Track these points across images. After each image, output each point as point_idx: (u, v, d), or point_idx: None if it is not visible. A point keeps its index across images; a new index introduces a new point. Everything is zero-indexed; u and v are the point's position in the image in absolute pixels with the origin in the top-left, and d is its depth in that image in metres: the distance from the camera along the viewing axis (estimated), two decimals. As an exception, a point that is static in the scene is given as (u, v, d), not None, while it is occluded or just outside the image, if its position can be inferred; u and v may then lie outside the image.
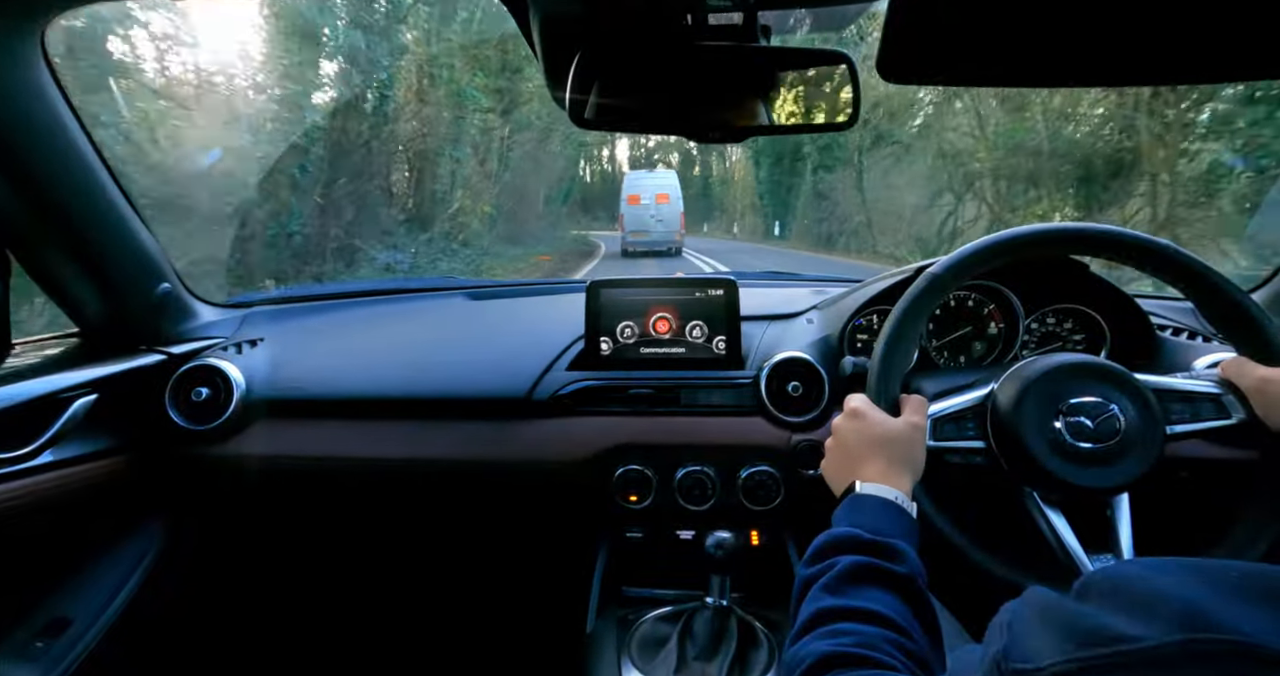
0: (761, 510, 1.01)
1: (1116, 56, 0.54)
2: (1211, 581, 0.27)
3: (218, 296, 1.28)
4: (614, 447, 1.03)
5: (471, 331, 1.26)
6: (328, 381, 1.10)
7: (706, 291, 1.08)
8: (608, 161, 52.70)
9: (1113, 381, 0.72)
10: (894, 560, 0.56)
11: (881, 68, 0.59)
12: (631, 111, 0.68)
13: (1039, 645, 0.29)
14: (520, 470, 1.06)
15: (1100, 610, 0.29)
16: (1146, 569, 0.30)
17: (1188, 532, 0.76)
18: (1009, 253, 0.76)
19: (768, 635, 0.90)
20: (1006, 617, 0.33)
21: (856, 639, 0.48)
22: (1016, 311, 1.05)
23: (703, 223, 37.05)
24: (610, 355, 1.09)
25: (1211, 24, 0.48)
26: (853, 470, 0.70)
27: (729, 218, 33.93)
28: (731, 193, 34.29)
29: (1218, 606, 0.26)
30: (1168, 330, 1.03)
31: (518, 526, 1.25)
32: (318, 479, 1.12)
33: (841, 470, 0.72)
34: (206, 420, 1.05)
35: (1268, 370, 0.69)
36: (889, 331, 0.77)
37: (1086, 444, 0.70)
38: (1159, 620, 0.26)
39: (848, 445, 0.72)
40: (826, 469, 0.75)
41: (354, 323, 1.29)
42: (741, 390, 1.04)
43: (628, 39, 0.65)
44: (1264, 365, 0.70)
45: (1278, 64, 0.56)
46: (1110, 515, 0.73)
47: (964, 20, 0.50)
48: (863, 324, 1.09)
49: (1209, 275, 0.72)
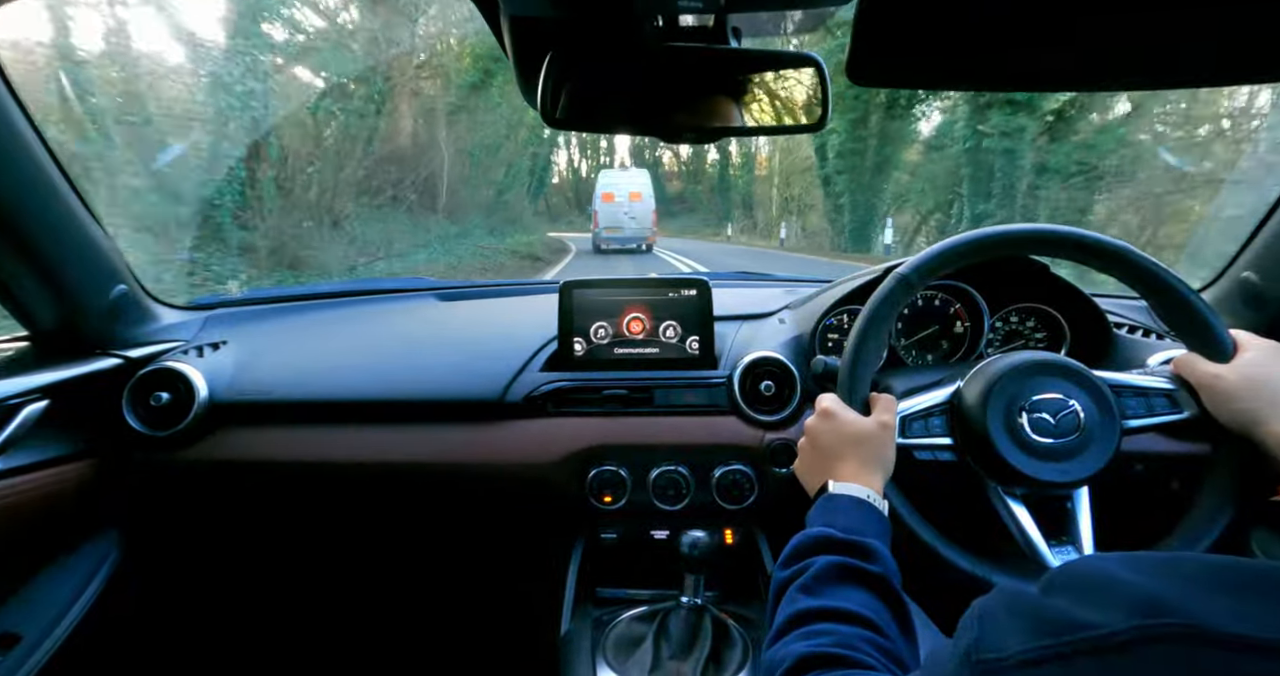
0: (735, 509, 1.02)
1: (1077, 61, 0.55)
2: (1167, 572, 0.29)
3: (179, 298, 1.25)
4: (588, 448, 1.03)
5: (443, 333, 1.24)
6: (295, 384, 1.08)
7: (680, 291, 1.09)
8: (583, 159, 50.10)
9: (1072, 378, 0.74)
10: (868, 559, 0.57)
11: (850, 71, 0.60)
12: (603, 112, 0.68)
13: (1007, 636, 0.30)
14: (493, 473, 1.05)
15: (1064, 601, 0.30)
16: (1107, 562, 0.31)
17: (1143, 523, 0.78)
18: (974, 253, 0.78)
19: (742, 633, 0.91)
20: (977, 611, 0.34)
21: (833, 639, 0.49)
22: (982, 310, 1.08)
23: (724, 224, 29.75)
24: (584, 356, 1.08)
25: (1164, 32, 0.50)
26: (825, 470, 0.71)
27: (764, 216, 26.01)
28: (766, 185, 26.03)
29: (1173, 594, 0.27)
30: (1124, 328, 1.07)
31: (491, 530, 1.24)
32: (285, 485, 1.09)
33: (814, 470, 0.73)
34: (167, 425, 1.02)
35: (1216, 366, 0.72)
36: (858, 332, 0.78)
37: (1047, 439, 0.72)
38: (1117, 608, 0.27)
39: (820, 445, 0.73)
40: (799, 469, 0.76)
41: (321, 324, 1.26)
42: (715, 390, 1.04)
43: (598, 40, 0.64)
44: (1213, 361, 0.72)
45: (1225, 73, 0.58)
46: (1070, 507, 0.75)
47: (930, 24, 0.51)
48: (834, 323, 1.11)
49: (1161, 275, 0.74)
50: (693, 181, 40.85)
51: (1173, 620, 0.25)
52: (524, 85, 0.76)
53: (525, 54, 0.70)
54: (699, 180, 39.97)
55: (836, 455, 0.71)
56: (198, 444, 1.04)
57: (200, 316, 1.23)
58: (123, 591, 1.06)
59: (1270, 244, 0.99)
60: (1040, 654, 0.28)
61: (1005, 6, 0.47)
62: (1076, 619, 0.28)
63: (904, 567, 0.61)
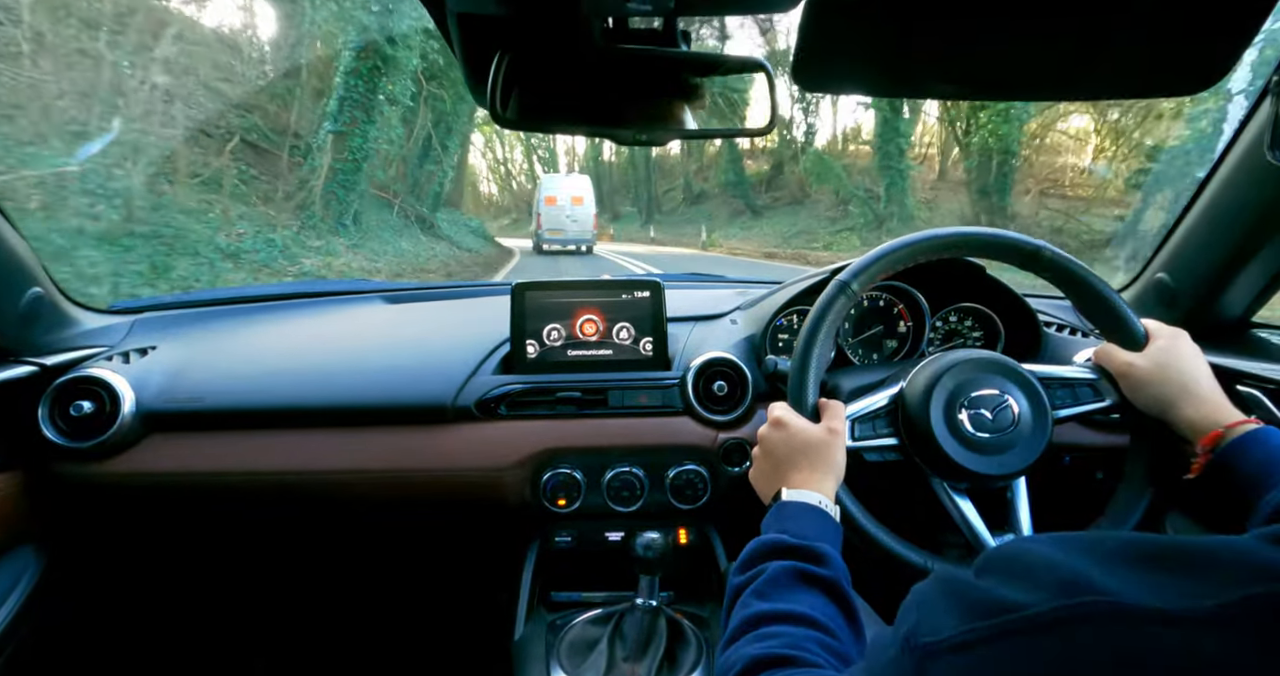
0: (689, 508, 1.03)
1: (1009, 72, 0.58)
2: (1090, 551, 0.30)
3: (101, 301, 1.17)
4: (542, 451, 1.02)
5: (391, 335, 1.21)
6: (233, 391, 1.03)
7: (633, 293, 1.09)
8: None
9: (1006, 374, 0.78)
10: (819, 563, 0.59)
11: (796, 76, 0.62)
12: (553, 113, 0.67)
13: (943, 619, 0.31)
14: (445, 479, 1.02)
15: (995, 583, 0.31)
16: (1035, 543, 0.33)
17: (1076, 511, 0.83)
18: (908, 257, 0.81)
19: (696, 632, 0.91)
20: (916, 598, 0.35)
21: (784, 640, 0.50)
22: (924, 311, 1.12)
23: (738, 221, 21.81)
24: (537, 358, 1.07)
25: (1085, 47, 0.53)
26: (779, 478, 0.72)
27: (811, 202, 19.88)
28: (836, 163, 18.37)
29: (1094, 572, 0.28)
30: (1053, 327, 1.13)
31: (442, 536, 1.21)
32: (225, 496, 1.04)
33: (768, 478, 0.75)
34: (89, 436, 0.96)
35: (1131, 355, 0.77)
36: (804, 341, 0.80)
37: (986, 434, 0.76)
38: (1043, 588, 0.29)
39: (773, 454, 0.75)
40: (754, 477, 0.78)
41: (261, 328, 1.21)
42: (669, 391, 1.05)
43: (546, 41, 0.64)
44: (1128, 351, 0.77)
45: (1142, 85, 0.62)
46: (1010, 497, 0.79)
47: (870, 34, 0.53)
48: (784, 324, 1.13)
49: (1078, 271, 0.79)
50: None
51: (1093, 597, 0.27)
52: (473, 85, 0.75)
53: (473, 53, 0.69)
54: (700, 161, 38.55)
55: (789, 463, 0.73)
56: (125, 455, 0.98)
57: (127, 320, 1.16)
58: (42, 612, 0.99)
59: (1180, 248, 1.06)
60: (974, 635, 0.29)
61: (934, 22, 0.49)
62: (1006, 600, 0.29)
63: (858, 567, 0.63)
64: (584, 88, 0.67)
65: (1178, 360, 0.75)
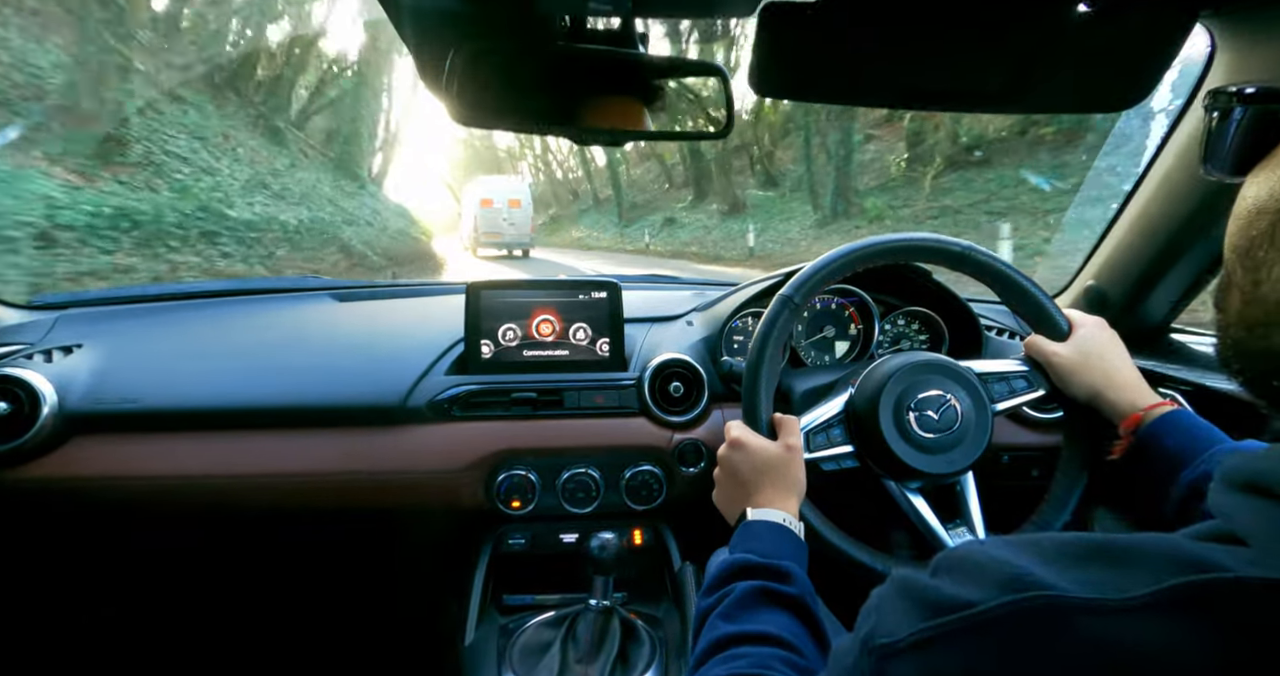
0: (644, 509, 1.03)
1: (951, 86, 0.61)
2: (1034, 550, 0.32)
3: (20, 297, 1.10)
4: (496, 453, 1.00)
5: (339, 334, 1.17)
6: (168, 392, 0.98)
7: (590, 294, 1.09)
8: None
9: (948, 374, 0.81)
10: (784, 581, 0.60)
11: (752, 81, 0.63)
12: (509, 111, 0.67)
13: (899, 620, 0.33)
14: (394, 482, 1.00)
15: (947, 582, 0.33)
16: (983, 545, 0.35)
17: (1016, 505, 0.87)
18: (847, 267, 0.84)
19: (649, 632, 0.92)
20: (874, 602, 0.36)
21: (750, 661, 0.51)
22: (873, 314, 1.15)
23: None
24: (491, 358, 1.06)
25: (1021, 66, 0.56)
26: (742, 498, 0.74)
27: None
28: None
29: (1038, 569, 0.30)
30: (993, 330, 1.18)
31: (391, 541, 1.18)
32: (154, 503, 0.99)
33: (732, 499, 0.76)
34: (5, 439, 0.90)
35: (1056, 344, 0.82)
36: (753, 358, 0.81)
37: (933, 434, 0.79)
38: (990, 586, 0.30)
39: (735, 475, 0.76)
40: (718, 499, 0.78)
41: (199, 325, 1.16)
42: (625, 392, 1.05)
43: (502, 37, 0.63)
44: (1053, 341, 0.82)
45: (1075, 102, 0.66)
46: (960, 492, 0.83)
47: (822, 44, 0.54)
48: (739, 326, 1.15)
49: (1002, 268, 0.84)
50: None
51: (1036, 592, 0.28)
52: (428, 80, 0.73)
53: (427, 48, 0.67)
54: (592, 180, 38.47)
55: (751, 483, 0.74)
56: (45, 459, 0.92)
57: (50, 317, 1.09)
58: None
59: (1108, 257, 1.13)
60: (929, 633, 0.30)
61: (883, 33, 0.51)
62: (958, 598, 0.31)
63: (826, 579, 0.64)
64: (540, 86, 0.67)
65: (1099, 347, 0.80)
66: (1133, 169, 1.07)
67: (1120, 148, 1.56)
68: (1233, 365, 0.38)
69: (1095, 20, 0.55)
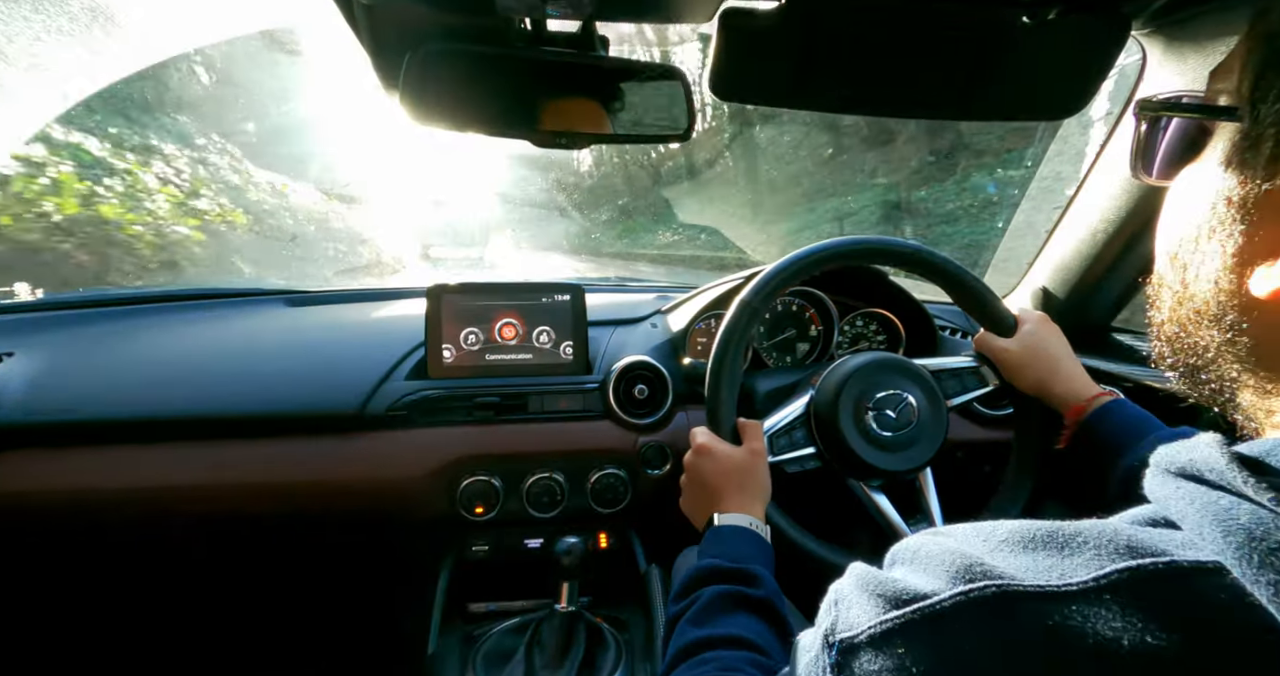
0: (609, 512, 1.03)
1: (902, 92, 0.63)
2: (985, 538, 0.33)
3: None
4: (458, 459, 0.99)
5: (293, 340, 1.14)
6: (111, 401, 0.93)
7: (553, 297, 1.08)
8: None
9: (904, 373, 0.84)
10: (752, 585, 0.61)
11: (712, 85, 0.64)
12: (467, 113, 0.66)
13: (859, 613, 0.33)
14: (353, 490, 0.97)
15: (901, 574, 0.33)
16: (937, 534, 0.35)
17: (971, 498, 0.90)
18: (806, 270, 0.85)
19: (615, 635, 0.92)
20: (834, 596, 0.37)
21: (719, 664, 0.52)
22: (832, 315, 1.17)
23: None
24: (453, 363, 1.04)
25: (968, 75, 0.58)
26: (709, 504, 0.74)
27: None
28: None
29: (988, 558, 0.31)
30: (946, 330, 1.21)
31: (351, 551, 1.15)
32: (96, 517, 0.94)
33: (699, 505, 0.76)
34: None
35: (1004, 341, 0.85)
36: (714, 364, 0.82)
37: (891, 432, 0.81)
38: (944, 577, 0.31)
39: (701, 481, 0.76)
40: (685, 506, 0.79)
41: (143, 332, 1.11)
42: (589, 395, 1.05)
43: (461, 38, 0.63)
44: (1001, 337, 0.85)
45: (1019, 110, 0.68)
46: (920, 488, 0.85)
47: (778, 49, 0.55)
48: (702, 328, 1.16)
49: (950, 267, 0.87)
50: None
51: (987, 582, 0.29)
52: (384, 81, 0.72)
53: (383, 48, 0.66)
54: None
55: (717, 489, 0.75)
56: None
57: None
58: None
59: (1053, 259, 1.17)
60: (888, 626, 0.31)
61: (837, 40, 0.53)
62: (913, 589, 0.31)
63: (794, 579, 0.64)
64: (499, 88, 0.66)
65: (1044, 342, 0.83)
66: (1075, 175, 1.12)
67: (1062, 154, 1.63)
68: (1166, 361, 0.39)
69: (1037, 34, 0.58)
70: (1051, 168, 1.69)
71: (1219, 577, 0.26)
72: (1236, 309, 0.33)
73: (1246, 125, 0.32)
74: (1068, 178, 1.50)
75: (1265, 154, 0.31)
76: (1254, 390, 0.34)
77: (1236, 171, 0.32)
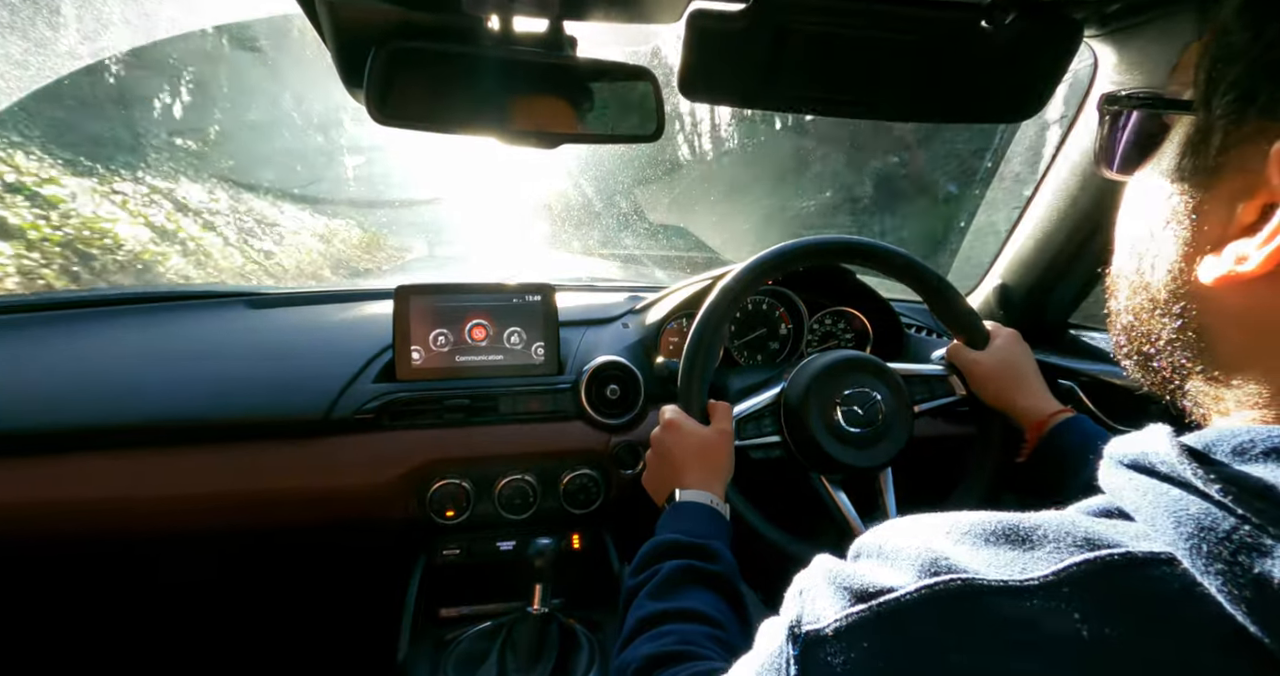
0: (582, 513, 1.02)
1: (865, 95, 0.64)
2: (947, 531, 0.33)
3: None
4: (428, 463, 0.97)
5: (255, 343, 1.10)
6: (56, 409, 0.89)
7: (524, 297, 1.07)
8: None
9: (874, 372, 0.85)
10: (710, 560, 0.62)
11: (681, 86, 0.64)
12: (433, 112, 0.65)
13: (824, 605, 0.33)
14: (320, 496, 0.95)
15: (867, 567, 0.34)
16: (901, 527, 0.36)
17: (930, 493, 0.92)
18: (782, 266, 0.86)
19: (589, 637, 0.91)
20: (798, 587, 0.37)
21: (677, 637, 0.52)
22: (802, 314, 1.19)
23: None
24: (422, 365, 1.03)
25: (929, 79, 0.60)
26: (672, 479, 0.75)
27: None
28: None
29: (951, 552, 0.31)
30: (914, 329, 1.24)
31: (318, 558, 1.13)
32: (53, 529, 0.90)
33: (662, 480, 0.77)
34: None
35: (976, 353, 0.87)
36: (692, 345, 0.83)
37: (856, 429, 0.82)
38: (909, 570, 0.31)
39: (666, 456, 0.77)
40: (648, 480, 0.79)
41: (93, 337, 1.06)
42: (561, 395, 1.04)
43: (427, 36, 0.62)
44: (973, 349, 0.87)
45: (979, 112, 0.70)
46: (879, 486, 0.86)
47: (745, 51, 0.56)
48: (674, 327, 1.16)
49: (930, 276, 0.89)
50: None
51: (951, 577, 0.30)
52: (346, 78, 0.70)
53: (347, 46, 0.65)
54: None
55: (681, 465, 0.75)
56: None
57: None
58: None
59: (1013, 257, 1.21)
60: (853, 619, 0.31)
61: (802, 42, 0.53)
62: (878, 583, 0.31)
63: (747, 560, 0.65)
64: (466, 87, 0.65)
65: (1014, 358, 0.86)
66: (1033, 175, 1.15)
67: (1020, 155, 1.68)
68: (1122, 349, 0.41)
69: (995, 39, 0.60)
70: (1010, 168, 1.74)
71: (1170, 568, 0.26)
72: (1186, 297, 0.34)
73: (1200, 117, 0.33)
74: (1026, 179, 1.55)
75: (1215, 145, 0.32)
76: (1202, 378, 0.35)
77: (1189, 162, 0.33)
